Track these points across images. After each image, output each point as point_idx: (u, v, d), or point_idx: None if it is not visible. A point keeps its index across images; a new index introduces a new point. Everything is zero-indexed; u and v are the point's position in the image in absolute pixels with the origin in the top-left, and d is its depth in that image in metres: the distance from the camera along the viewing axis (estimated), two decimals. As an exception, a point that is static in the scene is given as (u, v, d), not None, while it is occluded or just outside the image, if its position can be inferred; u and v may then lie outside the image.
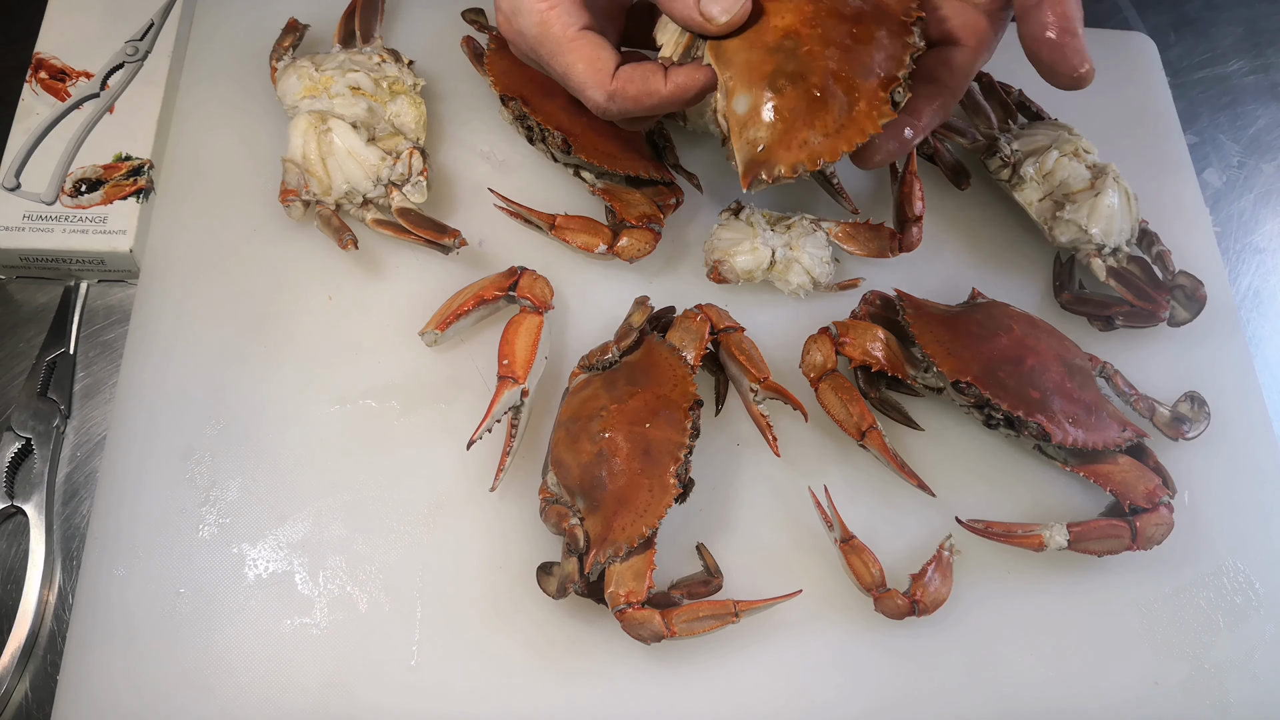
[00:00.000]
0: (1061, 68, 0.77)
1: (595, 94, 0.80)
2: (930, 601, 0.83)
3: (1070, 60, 0.77)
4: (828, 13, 0.77)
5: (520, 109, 0.95)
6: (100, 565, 0.80)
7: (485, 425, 0.82)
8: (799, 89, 0.76)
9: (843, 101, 0.76)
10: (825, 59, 0.76)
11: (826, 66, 0.76)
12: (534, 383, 0.86)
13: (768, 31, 0.77)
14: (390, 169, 0.92)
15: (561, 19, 0.80)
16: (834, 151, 0.76)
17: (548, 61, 0.82)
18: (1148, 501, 0.87)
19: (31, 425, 0.87)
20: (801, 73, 0.76)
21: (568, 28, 0.80)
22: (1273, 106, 1.25)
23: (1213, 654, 0.88)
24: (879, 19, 0.78)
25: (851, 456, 0.90)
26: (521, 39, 0.83)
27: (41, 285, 0.94)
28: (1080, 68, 0.77)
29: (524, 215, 0.95)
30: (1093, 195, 0.98)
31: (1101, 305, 0.99)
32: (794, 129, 0.76)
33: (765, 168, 0.77)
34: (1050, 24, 0.76)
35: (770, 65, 0.76)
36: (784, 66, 0.76)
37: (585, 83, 0.80)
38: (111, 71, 0.97)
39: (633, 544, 0.78)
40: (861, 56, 0.76)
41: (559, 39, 0.80)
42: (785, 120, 0.76)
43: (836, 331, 0.89)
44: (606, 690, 0.81)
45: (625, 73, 0.80)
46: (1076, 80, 0.78)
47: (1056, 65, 0.77)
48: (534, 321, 0.87)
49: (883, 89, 0.77)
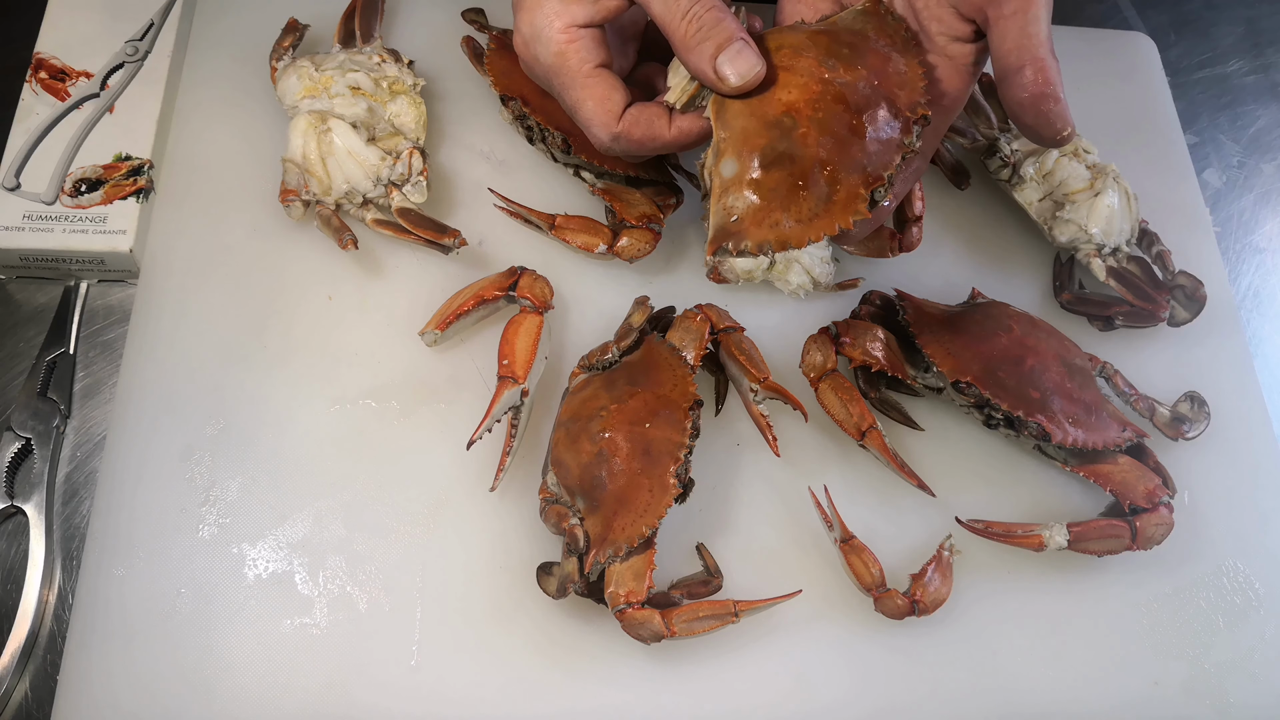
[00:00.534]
0: (1045, 131, 0.77)
1: (601, 133, 0.82)
2: (930, 601, 0.83)
3: (1054, 125, 0.77)
4: (834, 97, 0.76)
5: (520, 109, 0.95)
6: (100, 565, 0.80)
7: (485, 425, 0.82)
8: (783, 171, 0.75)
9: (823, 191, 0.76)
10: (817, 146, 0.75)
11: (816, 154, 0.75)
12: (534, 383, 0.86)
13: (771, 103, 0.76)
14: (390, 169, 0.92)
15: (579, 54, 0.81)
16: (801, 239, 0.76)
17: (560, 91, 0.84)
18: (1148, 501, 0.87)
19: (31, 425, 0.87)
20: (791, 154, 0.75)
21: (584, 64, 0.81)
22: (1273, 106, 1.25)
23: (1213, 654, 0.88)
24: (884, 112, 0.77)
25: (851, 456, 0.90)
26: (537, 64, 0.84)
27: (41, 285, 0.94)
28: (1063, 131, 0.77)
29: (524, 215, 0.95)
30: (1092, 195, 0.98)
31: (1101, 305, 0.99)
32: (769, 209, 0.76)
33: (734, 239, 0.76)
34: (1033, 88, 0.76)
35: (764, 139, 0.76)
36: (776, 144, 0.75)
37: (593, 120, 0.82)
38: (111, 71, 0.97)
39: (633, 544, 0.78)
40: (853, 151, 0.76)
41: (574, 73, 0.81)
42: (763, 198, 0.76)
43: (836, 331, 0.89)
44: (606, 690, 0.81)
45: (632, 115, 0.82)
46: (1058, 142, 0.78)
47: (1040, 129, 0.77)
48: (534, 321, 0.87)
49: (865, 186, 0.76)
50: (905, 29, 0.81)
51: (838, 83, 0.76)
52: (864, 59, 0.78)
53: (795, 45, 0.78)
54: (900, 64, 0.79)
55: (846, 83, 0.76)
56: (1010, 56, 0.76)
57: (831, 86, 0.76)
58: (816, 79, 0.76)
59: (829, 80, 0.76)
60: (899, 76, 0.78)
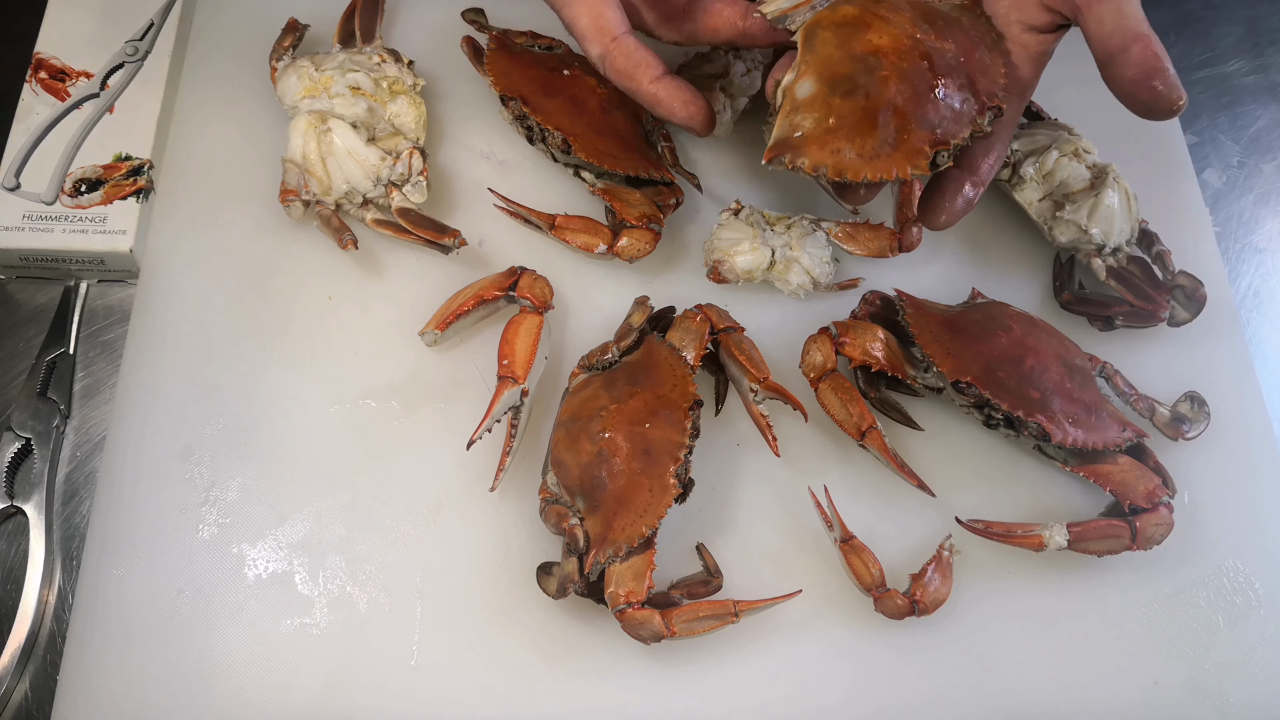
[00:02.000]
0: (1161, 105, 0.76)
1: (591, 48, 0.86)
2: (930, 602, 0.83)
3: (1170, 97, 0.76)
4: (921, 54, 0.78)
5: (520, 109, 0.95)
6: (100, 565, 0.80)
7: (485, 425, 0.82)
8: (857, 103, 0.77)
9: (890, 135, 0.77)
10: (895, 91, 0.77)
11: (892, 98, 0.77)
12: (534, 383, 0.86)
13: (860, 41, 0.78)
14: (390, 169, 0.92)
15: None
16: (857, 172, 0.77)
17: (558, 8, 0.86)
18: (1148, 501, 0.87)
19: (31, 425, 0.87)
20: (868, 90, 0.77)
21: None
22: (1273, 106, 1.25)
23: (1213, 654, 0.88)
24: (963, 85, 0.79)
25: (851, 456, 0.90)
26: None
27: (41, 285, 0.94)
28: (1178, 102, 0.76)
29: (524, 215, 0.95)
30: (1093, 195, 0.98)
31: (1101, 305, 0.99)
32: (835, 134, 0.77)
33: (793, 153, 0.78)
34: (1142, 64, 0.75)
35: (845, 69, 0.78)
36: (857, 76, 0.77)
37: (585, 35, 0.86)
38: (111, 71, 0.97)
39: (632, 544, 0.78)
40: (928, 108, 0.78)
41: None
42: (832, 122, 0.77)
43: (836, 331, 0.89)
44: (606, 690, 0.81)
45: (624, 45, 0.85)
46: (1173, 113, 0.77)
47: (1155, 104, 0.76)
48: (534, 321, 0.87)
49: (930, 146, 0.78)
50: (996, 31, 0.83)
51: (928, 44, 0.78)
52: (955, 37, 0.80)
53: (894, 2, 0.80)
54: (985, 55, 0.81)
55: (935, 47, 0.79)
56: (1112, 38, 0.76)
57: (921, 45, 0.78)
58: (908, 34, 0.78)
59: (920, 39, 0.78)
60: (982, 65, 0.81)
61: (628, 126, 0.97)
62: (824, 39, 0.79)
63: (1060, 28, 0.82)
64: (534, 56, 0.99)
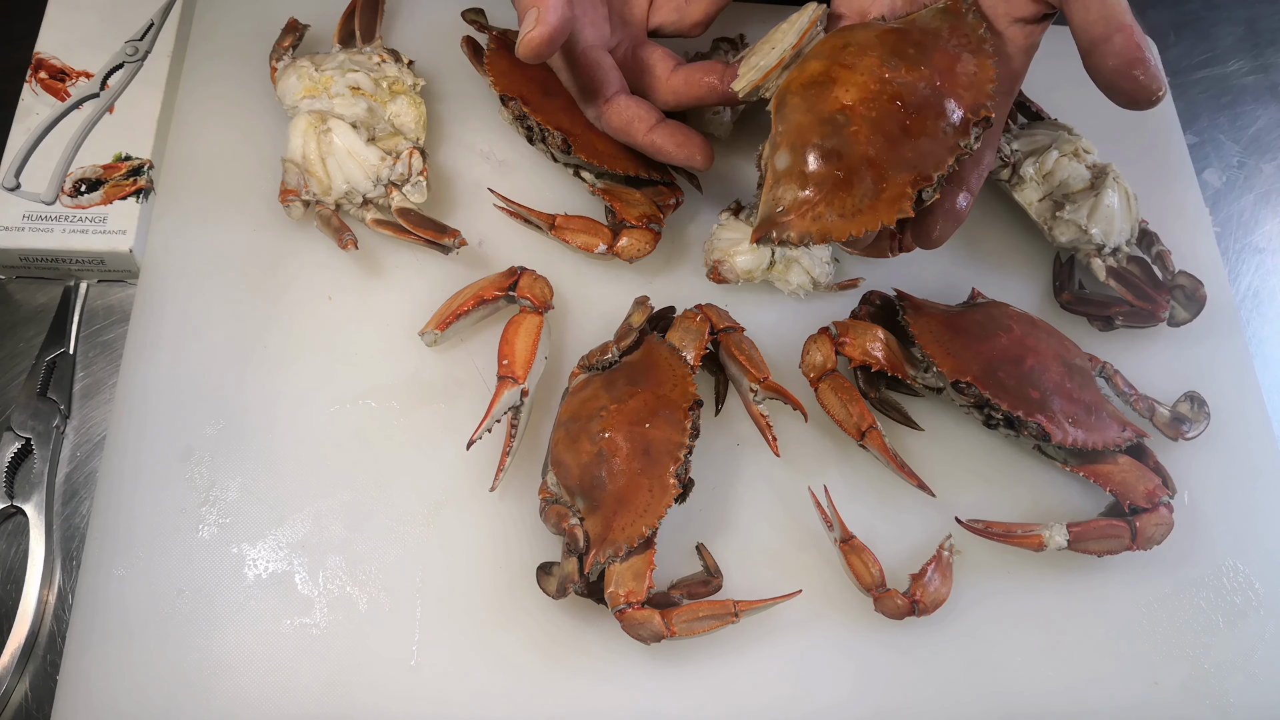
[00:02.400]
0: (1141, 95, 0.76)
1: (589, 110, 0.91)
2: (930, 602, 0.83)
3: (1150, 88, 0.75)
4: (890, 96, 0.77)
5: (520, 109, 0.95)
6: (100, 565, 0.80)
7: (485, 425, 0.82)
8: (831, 166, 0.77)
9: (869, 188, 0.76)
10: (867, 144, 0.76)
11: (865, 152, 0.76)
12: (534, 383, 0.86)
13: (827, 100, 0.78)
14: (390, 169, 0.92)
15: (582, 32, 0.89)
16: (842, 233, 0.77)
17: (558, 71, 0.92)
18: (1147, 501, 0.87)
19: (31, 425, 0.87)
20: (839, 150, 0.76)
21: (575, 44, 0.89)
22: (1273, 106, 1.25)
23: (1213, 654, 0.88)
24: (940, 113, 0.78)
25: (851, 456, 0.90)
26: None
27: (41, 285, 0.94)
28: (1158, 92, 0.76)
29: (524, 215, 0.95)
30: (1092, 195, 0.98)
31: (1101, 305, 0.99)
32: (814, 201, 0.77)
33: (778, 228, 0.78)
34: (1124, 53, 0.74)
35: (816, 135, 0.77)
36: (827, 140, 0.77)
37: (581, 97, 0.91)
38: (111, 71, 0.97)
39: (632, 544, 0.78)
40: (904, 150, 0.77)
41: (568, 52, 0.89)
42: (809, 191, 0.77)
43: (836, 331, 0.89)
44: (606, 690, 0.81)
45: (615, 104, 0.90)
46: (1152, 103, 0.77)
47: (1136, 94, 0.76)
48: (534, 321, 0.87)
49: (912, 185, 0.77)
50: (983, 28, 0.81)
51: (897, 82, 0.77)
52: (931, 59, 0.79)
53: (861, 44, 0.79)
54: (970, 64, 0.80)
55: (906, 83, 0.77)
56: (1096, 27, 0.76)
57: (890, 86, 0.77)
58: (876, 78, 0.77)
59: (888, 80, 0.77)
60: (967, 77, 0.79)
61: (628, 126, 0.97)
62: (794, 105, 0.79)
63: (1045, 17, 0.82)
64: (534, 56, 0.99)
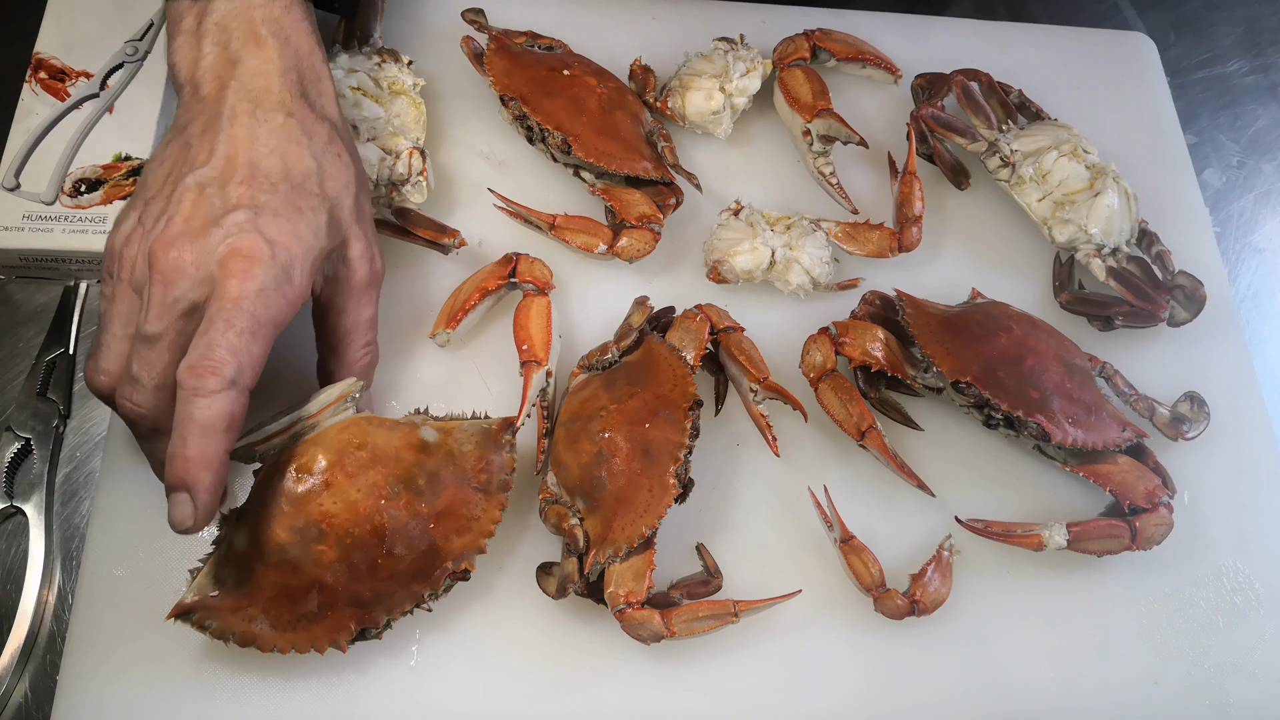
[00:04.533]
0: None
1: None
2: (930, 602, 0.83)
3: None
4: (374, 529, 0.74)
5: (520, 109, 0.95)
6: (100, 565, 0.80)
7: (525, 411, 0.83)
8: (283, 575, 0.74)
9: (310, 611, 0.74)
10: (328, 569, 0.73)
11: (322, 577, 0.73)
12: (554, 361, 0.87)
13: (312, 504, 0.73)
14: (390, 169, 0.92)
15: None
16: (266, 645, 0.73)
17: None
18: (1147, 501, 0.87)
19: (31, 425, 0.87)
20: (298, 565, 0.73)
21: None
22: (1273, 106, 1.25)
23: (1213, 654, 0.88)
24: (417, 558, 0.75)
25: (851, 456, 0.90)
26: None
27: (41, 285, 0.94)
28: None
29: (524, 215, 0.95)
30: (1092, 195, 0.98)
31: (1101, 305, 0.99)
32: (253, 602, 0.73)
33: (204, 612, 0.73)
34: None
35: (283, 539, 0.73)
36: (290, 548, 0.73)
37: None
38: (111, 71, 0.97)
39: (632, 544, 0.78)
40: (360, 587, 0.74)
41: None
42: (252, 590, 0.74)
43: (836, 331, 0.89)
44: (606, 690, 0.81)
45: None
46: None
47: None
48: (542, 303, 0.88)
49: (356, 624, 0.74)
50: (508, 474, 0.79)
51: (388, 515, 0.74)
52: (439, 494, 0.76)
53: (376, 451, 0.75)
54: (478, 507, 0.77)
55: (396, 517, 0.74)
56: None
57: (379, 517, 0.74)
58: (371, 503, 0.74)
59: (382, 508, 0.74)
60: (465, 520, 0.77)
61: (628, 126, 0.97)
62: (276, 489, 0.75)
63: None
64: (534, 56, 0.99)
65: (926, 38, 1.14)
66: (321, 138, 0.77)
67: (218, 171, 0.72)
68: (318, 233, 0.74)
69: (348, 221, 0.78)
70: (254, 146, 0.73)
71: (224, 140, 0.73)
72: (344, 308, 0.80)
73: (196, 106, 0.75)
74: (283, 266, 0.71)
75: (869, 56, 1.07)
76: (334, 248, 0.77)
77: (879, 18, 1.14)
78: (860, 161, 1.04)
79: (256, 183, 0.72)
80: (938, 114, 1.02)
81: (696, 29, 1.08)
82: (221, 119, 0.74)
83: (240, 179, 0.72)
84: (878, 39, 1.09)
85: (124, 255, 0.72)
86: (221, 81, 0.75)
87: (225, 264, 0.69)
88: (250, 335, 0.69)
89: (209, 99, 0.75)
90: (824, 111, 0.98)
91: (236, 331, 0.68)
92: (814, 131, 0.99)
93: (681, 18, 1.11)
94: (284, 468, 0.74)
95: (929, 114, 1.02)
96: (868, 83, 1.10)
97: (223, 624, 0.73)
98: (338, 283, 0.79)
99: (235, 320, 0.68)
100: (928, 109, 1.02)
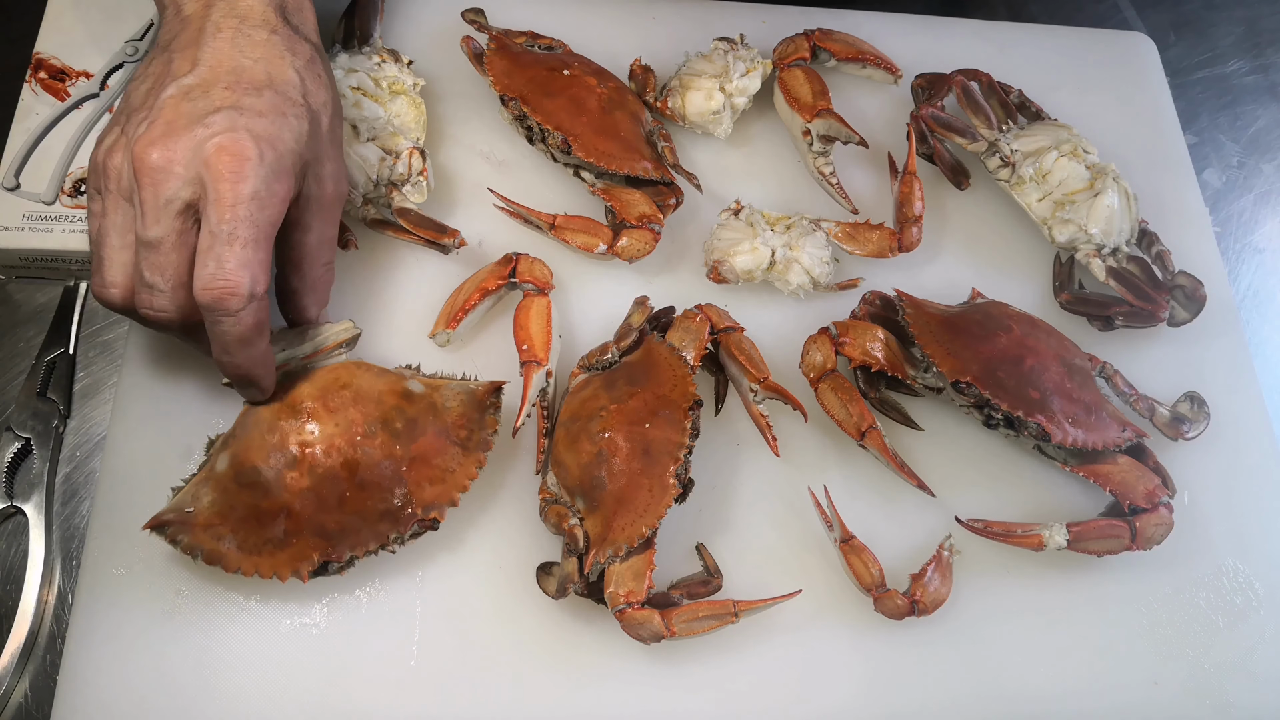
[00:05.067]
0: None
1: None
2: (930, 602, 0.83)
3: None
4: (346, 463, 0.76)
5: (520, 109, 0.95)
6: (100, 565, 0.80)
7: (525, 411, 0.83)
8: (254, 497, 0.76)
9: (276, 536, 0.76)
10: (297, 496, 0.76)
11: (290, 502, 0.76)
12: (554, 361, 0.87)
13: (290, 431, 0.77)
14: (390, 169, 0.92)
15: None
16: (231, 566, 0.76)
17: None
18: (1147, 501, 0.87)
19: (31, 425, 0.87)
20: (268, 488, 0.76)
21: None
22: (1273, 106, 1.25)
23: (1213, 654, 0.88)
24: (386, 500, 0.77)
25: (851, 456, 0.90)
26: None
27: (41, 285, 0.94)
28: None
29: (524, 215, 0.95)
30: (1092, 195, 0.98)
31: (1101, 305, 0.99)
32: (223, 521, 0.77)
33: (176, 526, 0.77)
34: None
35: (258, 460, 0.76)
36: (264, 470, 0.76)
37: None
38: (111, 71, 0.97)
39: (632, 544, 0.78)
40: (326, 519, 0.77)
41: None
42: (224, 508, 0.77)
43: (836, 331, 0.89)
44: (606, 690, 0.81)
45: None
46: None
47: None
48: (542, 303, 0.88)
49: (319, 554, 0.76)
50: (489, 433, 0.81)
51: (361, 451, 0.77)
52: (414, 440, 0.78)
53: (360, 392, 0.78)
54: (454, 459, 0.79)
55: (370, 454, 0.77)
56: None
57: (352, 452, 0.76)
58: (347, 438, 0.77)
59: (357, 444, 0.77)
60: (440, 470, 0.79)
61: (628, 126, 0.97)
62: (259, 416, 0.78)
63: None
64: (534, 56, 0.99)
65: (926, 38, 1.14)
66: (304, 55, 0.78)
67: (200, 79, 0.73)
68: (299, 139, 0.74)
69: (324, 140, 0.78)
70: (238, 56, 0.74)
71: (208, 51, 0.74)
72: (310, 224, 0.80)
73: (178, 24, 0.76)
74: (271, 166, 0.71)
75: (869, 56, 1.07)
76: (309, 161, 0.77)
77: (879, 18, 1.14)
78: (860, 161, 1.04)
79: (240, 87, 0.73)
80: (938, 114, 1.02)
81: (696, 29, 1.08)
82: (205, 33, 0.74)
83: (224, 84, 0.72)
84: (878, 39, 1.09)
85: (108, 166, 0.73)
86: (206, 1, 0.76)
87: (214, 164, 0.69)
88: (255, 245, 0.70)
89: (193, 16, 0.76)
90: (824, 111, 0.98)
91: (242, 243, 0.69)
92: (814, 131, 0.99)
93: (681, 18, 1.11)
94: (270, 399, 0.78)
95: (929, 114, 1.02)
96: (868, 83, 1.10)
97: (193, 540, 0.75)
98: (308, 199, 0.79)
99: (238, 231, 0.69)
100: (928, 109, 1.02)
